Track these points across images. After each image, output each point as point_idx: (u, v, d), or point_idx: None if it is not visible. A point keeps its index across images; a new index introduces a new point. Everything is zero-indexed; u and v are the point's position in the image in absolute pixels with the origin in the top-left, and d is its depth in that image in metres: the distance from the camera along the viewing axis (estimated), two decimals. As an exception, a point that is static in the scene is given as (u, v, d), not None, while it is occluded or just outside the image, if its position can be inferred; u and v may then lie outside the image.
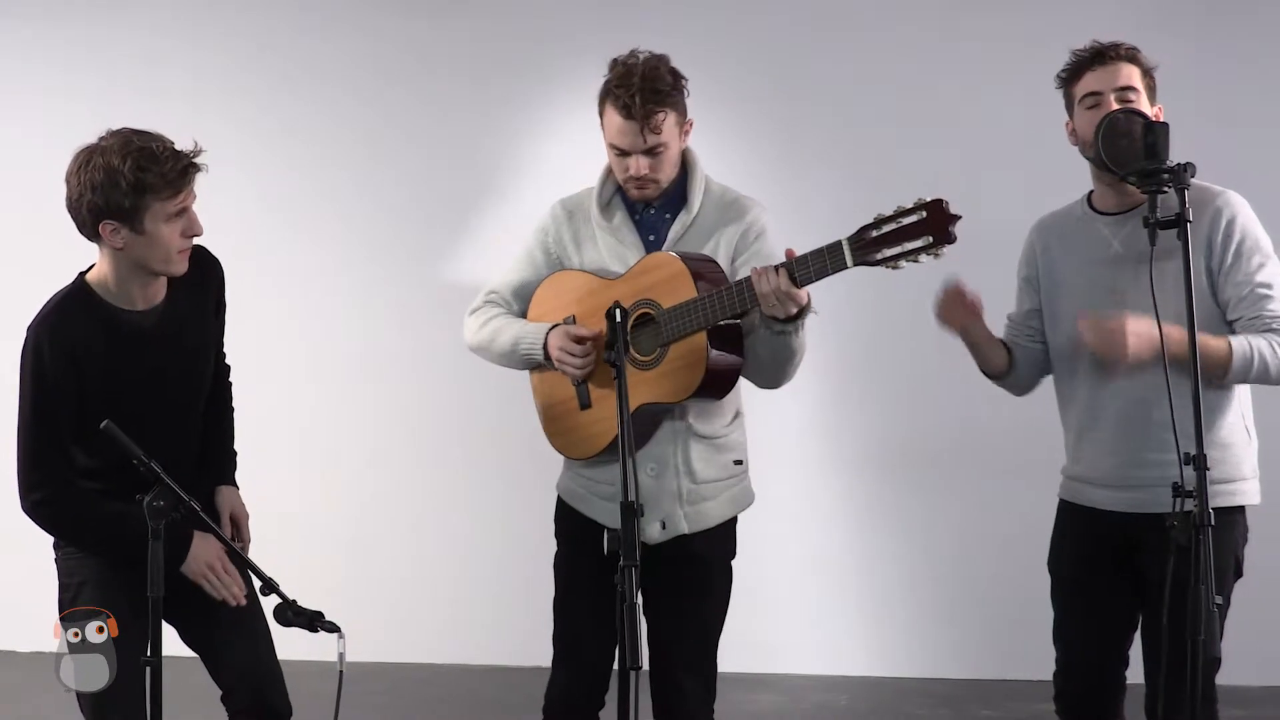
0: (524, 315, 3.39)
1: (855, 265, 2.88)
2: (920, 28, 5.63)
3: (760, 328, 3.11)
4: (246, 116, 5.88)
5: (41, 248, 5.18)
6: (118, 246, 2.99)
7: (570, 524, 3.38)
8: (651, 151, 3.20)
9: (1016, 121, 5.34)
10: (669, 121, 3.19)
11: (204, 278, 3.20)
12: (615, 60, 3.24)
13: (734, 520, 3.36)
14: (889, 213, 2.85)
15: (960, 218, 2.79)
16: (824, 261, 2.92)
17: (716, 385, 3.15)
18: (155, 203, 2.94)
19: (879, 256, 2.85)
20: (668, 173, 3.26)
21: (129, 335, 3.07)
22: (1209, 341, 2.98)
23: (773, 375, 3.21)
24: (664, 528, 3.23)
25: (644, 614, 3.29)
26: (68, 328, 3.01)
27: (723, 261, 3.23)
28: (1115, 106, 3.11)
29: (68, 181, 2.97)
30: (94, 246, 3.06)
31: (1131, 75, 3.15)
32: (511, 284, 3.42)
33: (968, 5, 5.60)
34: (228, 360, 3.41)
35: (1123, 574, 3.19)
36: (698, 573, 3.28)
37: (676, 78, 3.22)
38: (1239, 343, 3.02)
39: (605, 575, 3.27)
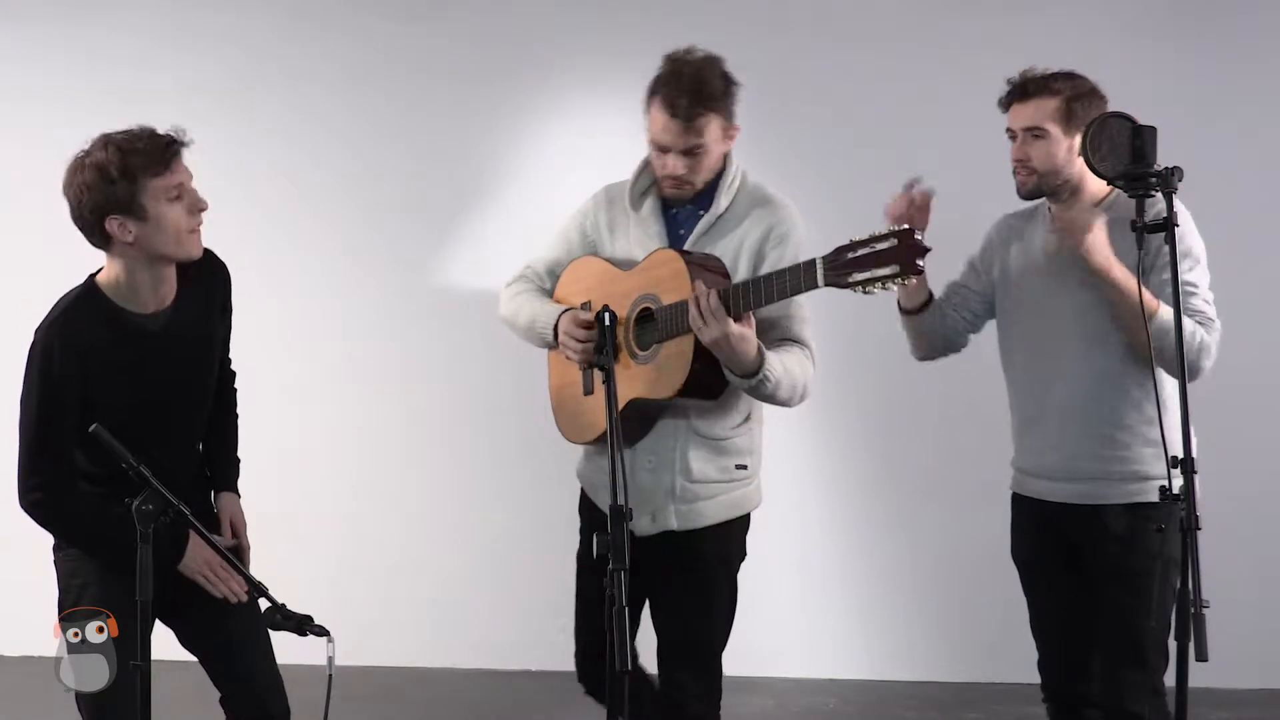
0: (553, 294, 3.39)
1: (826, 285, 2.83)
2: (910, 31, 5.63)
3: None
4: (233, 121, 5.85)
5: (36, 250, 5.19)
6: (128, 241, 2.98)
7: (589, 515, 3.38)
8: (690, 152, 3.15)
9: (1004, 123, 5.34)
10: (712, 126, 3.14)
11: (211, 281, 3.21)
12: (669, 56, 3.17)
13: (738, 523, 3.29)
14: (863, 236, 2.78)
15: (930, 250, 2.72)
16: (798, 278, 2.87)
17: (703, 386, 3.11)
18: (149, 181, 2.94)
19: (850, 280, 2.78)
20: (703, 176, 3.21)
21: (137, 338, 3.06)
22: (1148, 295, 2.98)
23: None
24: (653, 520, 3.22)
25: (651, 612, 3.31)
26: (78, 330, 3.01)
27: (745, 260, 3.18)
28: (1019, 150, 3.22)
29: (65, 194, 2.98)
30: (85, 246, 3.05)
31: (1042, 113, 3.19)
32: (545, 261, 3.42)
33: (957, 7, 5.61)
34: (232, 365, 3.39)
35: (1074, 562, 3.25)
36: (697, 573, 3.25)
37: (728, 82, 3.16)
38: (1167, 310, 2.97)
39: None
